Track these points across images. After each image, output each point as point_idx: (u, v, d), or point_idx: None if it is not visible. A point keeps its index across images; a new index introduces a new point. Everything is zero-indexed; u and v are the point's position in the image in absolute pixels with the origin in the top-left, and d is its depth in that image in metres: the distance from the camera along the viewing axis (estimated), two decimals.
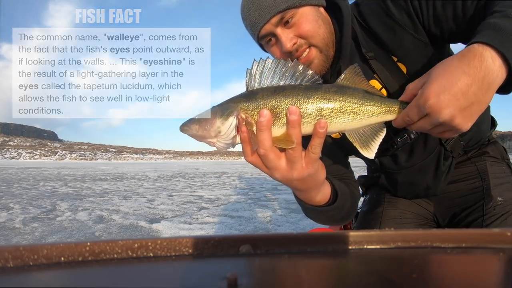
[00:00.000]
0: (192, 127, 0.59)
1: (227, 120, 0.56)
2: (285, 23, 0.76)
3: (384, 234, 0.35)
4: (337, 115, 0.57)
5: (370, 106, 0.58)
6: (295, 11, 0.76)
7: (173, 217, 3.65)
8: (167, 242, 0.33)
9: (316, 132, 0.54)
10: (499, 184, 0.94)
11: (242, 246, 0.34)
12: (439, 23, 0.76)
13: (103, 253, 0.32)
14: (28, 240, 2.76)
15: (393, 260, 0.33)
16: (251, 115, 0.56)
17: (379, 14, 0.80)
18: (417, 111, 0.53)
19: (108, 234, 2.93)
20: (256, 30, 0.79)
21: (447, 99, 0.50)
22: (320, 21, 0.78)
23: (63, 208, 4.29)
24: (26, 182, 8.91)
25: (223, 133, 0.57)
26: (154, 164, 40.42)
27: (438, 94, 0.50)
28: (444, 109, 0.50)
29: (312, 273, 0.31)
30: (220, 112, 0.57)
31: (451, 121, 0.51)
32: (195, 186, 7.28)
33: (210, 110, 0.59)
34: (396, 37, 0.79)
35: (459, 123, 0.52)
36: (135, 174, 13.33)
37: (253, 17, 0.77)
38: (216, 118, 0.57)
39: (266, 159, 0.56)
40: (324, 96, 0.57)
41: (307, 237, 0.35)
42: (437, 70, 0.53)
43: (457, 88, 0.50)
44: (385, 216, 1.01)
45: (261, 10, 0.76)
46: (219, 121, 0.57)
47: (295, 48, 0.77)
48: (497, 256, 0.31)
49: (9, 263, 0.29)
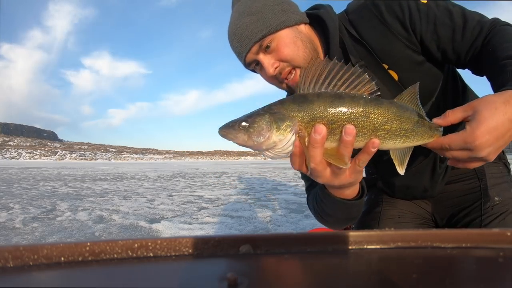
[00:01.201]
0: (239, 136, 0.52)
1: (285, 136, 0.51)
2: (265, 49, 0.79)
3: (384, 234, 0.35)
4: (390, 137, 0.56)
5: (421, 131, 0.59)
6: (273, 36, 0.78)
7: (173, 217, 3.65)
8: (167, 242, 0.33)
9: (367, 150, 0.55)
10: (497, 184, 0.94)
11: (242, 246, 0.34)
12: (433, 40, 0.77)
13: (103, 253, 0.32)
14: (28, 240, 2.76)
15: (393, 260, 0.33)
16: (305, 127, 0.52)
17: (371, 20, 0.80)
18: (462, 145, 0.58)
19: (108, 234, 2.93)
20: (242, 59, 0.83)
21: (491, 141, 0.56)
22: (299, 42, 0.79)
23: (63, 208, 4.28)
24: (26, 182, 8.91)
25: (279, 148, 0.52)
26: (154, 164, 40.44)
27: (485, 135, 0.55)
28: (487, 148, 0.56)
29: (312, 273, 0.31)
30: (275, 124, 0.51)
31: (487, 156, 0.57)
32: (195, 186, 7.28)
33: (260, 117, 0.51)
34: (388, 44, 0.79)
35: (492, 157, 0.59)
36: (135, 174, 13.33)
37: (236, 47, 0.81)
38: (272, 130, 0.51)
39: (313, 171, 0.56)
40: (384, 116, 0.54)
41: (307, 237, 0.35)
42: (485, 111, 0.56)
43: (500, 132, 0.56)
44: (383, 216, 1.01)
45: (242, 41, 0.79)
46: (275, 135, 0.51)
47: (278, 71, 0.80)
48: (497, 256, 0.31)
49: (9, 263, 0.29)
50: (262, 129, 0.51)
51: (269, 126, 0.51)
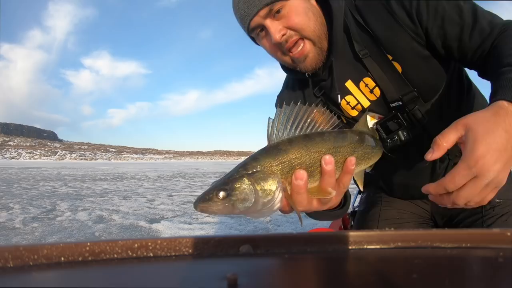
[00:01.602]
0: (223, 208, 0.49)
1: (273, 196, 0.49)
2: (274, 15, 0.75)
3: (384, 234, 0.35)
4: (358, 163, 0.59)
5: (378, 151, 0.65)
6: (284, 3, 0.75)
7: (173, 217, 3.65)
8: (167, 242, 0.33)
9: (348, 170, 0.55)
10: None
11: (242, 246, 0.34)
12: (439, 36, 0.75)
13: (103, 253, 0.32)
14: (28, 240, 2.76)
15: (393, 260, 0.33)
16: (285, 178, 0.51)
17: (378, 10, 0.79)
18: (465, 174, 0.52)
19: (108, 234, 2.93)
20: (245, 23, 0.79)
21: (495, 157, 0.51)
22: (310, 14, 0.77)
23: (63, 208, 4.28)
24: (26, 182, 8.91)
25: (267, 207, 0.50)
26: (154, 164, 40.40)
27: (487, 152, 0.51)
28: (493, 165, 0.51)
29: (312, 273, 0.31)
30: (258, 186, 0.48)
31: (497, 177, 0.52)
32: (195, 186, 7.27)
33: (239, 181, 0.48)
34: (393, 35, 0.77)
35: (502, 177, 0.53)
36: (135, 174, 13.32)
37: (242, 10, 0.77)
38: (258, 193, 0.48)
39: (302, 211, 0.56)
40: (351, 146, 0.57)
41: (307, 237, 0.35)
42: (478, 127, 0.53)
43: (501, 144, 0.52)
44: (382, 216, 1.00)
45: (250, 3, 0.75)
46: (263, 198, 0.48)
47: (285, 39, 0.77)
48: (497, 256, 0.31)
49: (9, 263, 0.29)
50: (245, 194, 0.48)
51: (252, 189, 0.48)
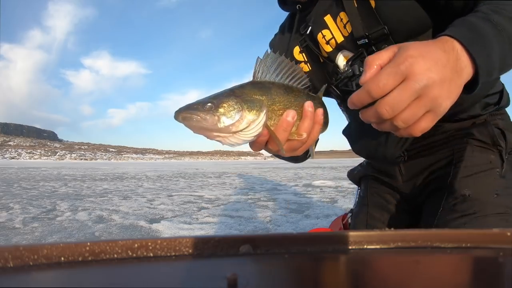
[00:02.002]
0: (208, 119, 0.48)
1: (258, 116, 0.51)
2: None
3: (384, 234, 0.35)
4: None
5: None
6: None
7: (173, 217, 3.65)
8: (167, 242, 0.33)
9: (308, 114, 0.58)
10: (472, 174, 0.76)
11: (242, 246, 0.34)
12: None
13: (103, 253, 0.32)
14: (28, 240, 2.76)
15: (393, 260, 0.33)
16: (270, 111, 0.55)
17: None
18: (393, 71, 0.44)
19: (108, 234, 2.93)
20: None
21: (429, 64, 0.44)
22: None
23: (63, 208, 4.28)
24: (26, 182, 8.90)
25: (248, 130, 0.51)
26: (154, 164, 40.43)
27: (418, 56, 0.44)
28: (426, 71, 0.44)
29: (312, 273, 0.31)
30: (245, 105, 0.50)
31: (431, 88, 0.44)
32: (195, 186, 7.27)
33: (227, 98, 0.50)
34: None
35: (439, 94, 0.45)
36: (135, 174, 13.33)
37: None
38: (244, 111, 0.50)
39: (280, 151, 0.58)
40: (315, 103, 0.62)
41: (307, 237, 0.35)
42: (410, 42, 0.47)
43: (436, 56, 0.45)
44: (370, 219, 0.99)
45: None
46: (249, 115, 0.50)
47: None
48: (497, 256, 0.31)
49: (9, 263, 0.29)
50: (233, 109, 0.49)
51: (239, 107, 0.50)
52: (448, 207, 0.75)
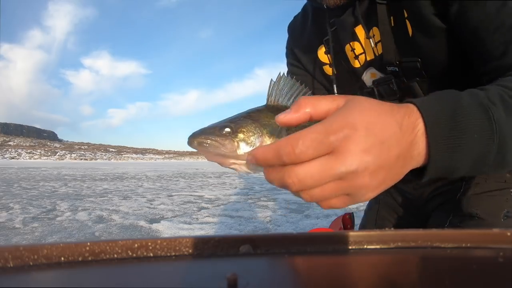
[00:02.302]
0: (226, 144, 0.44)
1: None
2: None
3: (384, 234, 0.35)
4: None
5: None
6: None
7: (173, 217, 3.65)
8: (167, 242, 0.33)
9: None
10: (482, 192, 0.71)
11: (242, 246, 0.34)
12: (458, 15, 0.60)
13: (103, 253, 0.32)
14: (28, 240, 2.76)
15: (393, 260, 0.33)
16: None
17: None
18: (319, 139, 0.33)
19: (108, 234, 2.93)
20: None
21: (370, 142, 0.34)
22: None
23: (63, 208, 4.29)
24: (26, 182, 8.91)
25: None
26: (154, 164, 40.42)
27: (360, 129, 0.34)
28: (362, 153, 0.33)
29: (312, 273, 0.31)
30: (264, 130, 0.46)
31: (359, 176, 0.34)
32: (195, 186, 7.28)
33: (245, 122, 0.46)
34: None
35: (366, 184, 0.35)
36: (135, 174, 13.33)
37: None
38: (264, 136, 0.45)
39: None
40: None
41: (307, 237, 0.35)
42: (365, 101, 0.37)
43: (386, 134, 0.35)
44: (379, 218, 0.99)
45: None
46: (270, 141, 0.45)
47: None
48: (497, 256, 0.31)
49: (9, 263, 0.29)
50: (252, 134, 0.45)
51: (259, 132, 0.45)
52: (454, 223, 0.73)
